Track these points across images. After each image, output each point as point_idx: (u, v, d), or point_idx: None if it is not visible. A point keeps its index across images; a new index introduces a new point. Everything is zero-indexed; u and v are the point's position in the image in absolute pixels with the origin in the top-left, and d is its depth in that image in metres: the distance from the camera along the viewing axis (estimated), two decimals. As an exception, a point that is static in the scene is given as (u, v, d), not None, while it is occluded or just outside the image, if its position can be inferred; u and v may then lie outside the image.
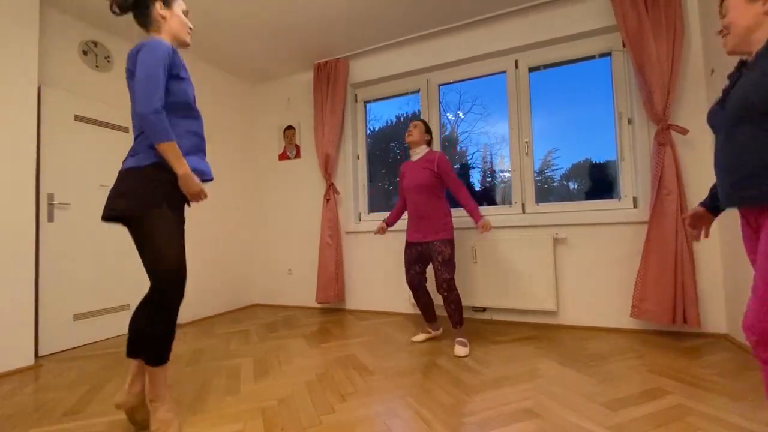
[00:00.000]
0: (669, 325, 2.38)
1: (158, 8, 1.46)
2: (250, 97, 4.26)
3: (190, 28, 1.57)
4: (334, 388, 1.83)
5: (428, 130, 2.54)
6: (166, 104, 1.40)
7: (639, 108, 2.61)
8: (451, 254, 2.31)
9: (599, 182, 2.91)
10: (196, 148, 1.52)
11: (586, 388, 1.72)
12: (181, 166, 1.37)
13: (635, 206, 2.67)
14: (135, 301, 3.10)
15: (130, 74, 1.41)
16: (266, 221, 4.11)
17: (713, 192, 1.30)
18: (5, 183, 2.22)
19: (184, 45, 1.57)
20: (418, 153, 2.50)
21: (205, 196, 1.47)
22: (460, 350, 2.24)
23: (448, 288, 2.28)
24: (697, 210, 1.33)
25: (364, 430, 1.44)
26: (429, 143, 2.54)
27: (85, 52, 2.87)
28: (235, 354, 2.42)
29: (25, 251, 2.29)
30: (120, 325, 2.94)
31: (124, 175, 1.38)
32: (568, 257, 2.76)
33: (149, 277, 1.40)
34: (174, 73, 1.43)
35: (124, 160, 1.42)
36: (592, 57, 2.82)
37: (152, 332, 1.39)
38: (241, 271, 3.97)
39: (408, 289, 3.30)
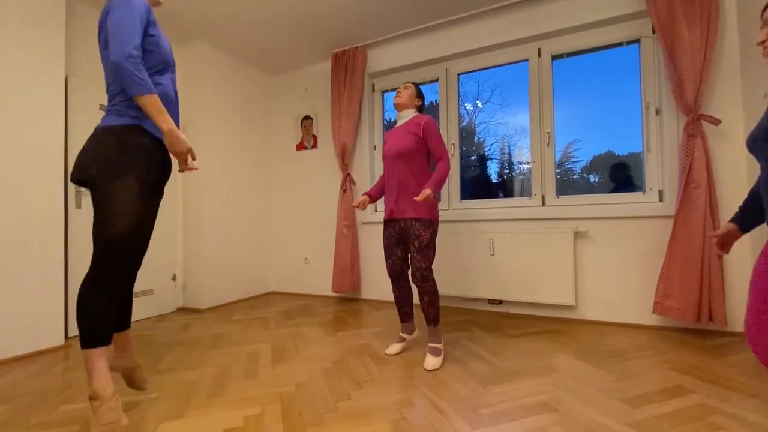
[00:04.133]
0: (693, 322, 2.31)
1: None
2: (268, 87, 4.28)
3: None
4: (349, 376, 1.86)
5: (420, 95, 2.23)
6: (146, 64, 1.32)
7: (668, 97, 2.51)
8: (429, 239, 1.99)
9: (621, 175, 2.82)
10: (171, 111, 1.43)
11: (605, 384, 1.70)
12: (165, 122, 1.26)
13: (661, 200, 2.58)
14: (158, 287, 3.20)
15: (104, 43, 1.30)
16: (283, 211, 4.16)
17: (745, 211, 1.26)
18: (37, 171, 2.31)
19: (156, 2, 1.48)
20: (404, 117, 2.18)
21: (194, 157, 1.35)
22: (430, 361, 1.95)
23: (422, 278, 1.98)
24: (730, 228, 1.30)
25: (380, 418, 1.46)
26: (420, 109, 2.23)
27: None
28: (254, 340, 2.47)
29: (55, 237, 2.39)
30: (143, 310, 3.05)
31: (97, 134, 1.30)
32: (589, 251, 2.70)
33: (93, 246, 1.30)
34: (150, 32, 1.34)
35: (103, 117, 1.34)
36: (620, 44, 2.72)
37: (88, 306, 1.27)
38: (258, 260, 4.04)
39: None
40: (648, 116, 2.64)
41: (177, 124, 1.49)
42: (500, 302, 2.98)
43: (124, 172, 1.28)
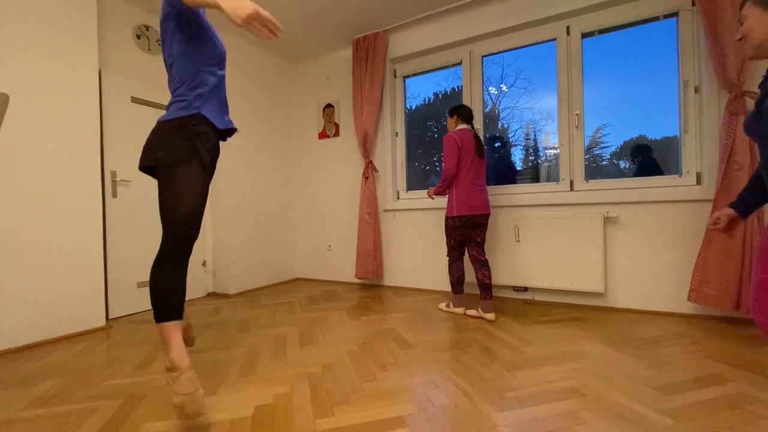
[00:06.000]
0: (732, 311, 2.21)
1: None
2: (290, 76, 4.30)
3: None
4: (374, 358, 1.89)
5: (452, 114, 2.68)
6: (194, 62, 1.41)
7: (708, 74, 2.36)
8: (444, 231, 2.72)
9: (654, 161, 2.68)
10: (222, 109, 1.51)
11: (636, 371, 1.66)
12: None
13: (699, 183, 2.46)
14: (189, 272, 3.32)
15: (163, 24, 1.39)
16: (307, 199, 4.22)
17: (745, 196, 1.27)
18: (75, 162, 2.42)
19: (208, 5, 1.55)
20: None
21: (264, 17, 1.21)
22: (442, 305, 2.75)
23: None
24: (731, 214, 1.30)
25: (406, 399, 1.48)
26: (464, 119, 2.63)
27: (138, 36, 3.01)
28: (281, 323, 2.54)
29: (94, 225, 2.51)
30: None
31: (162, 126, 1.38)
32: (620, 237, 2.61)
33: (163, 226, 1.38)
34: (205, 22, 1.42)
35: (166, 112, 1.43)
36: (656, 18, 2.57)
37: (163, 282, 1.35)
38: (283, 247, 4.13)
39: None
40: (686, 95, 2.50)
41: (226, 112, 1.56)
42: (525, 289, 2.94)
43: (190, 158, 1.37)
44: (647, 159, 2.69)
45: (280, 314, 2.78)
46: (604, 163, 2.88)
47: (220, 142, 2.89)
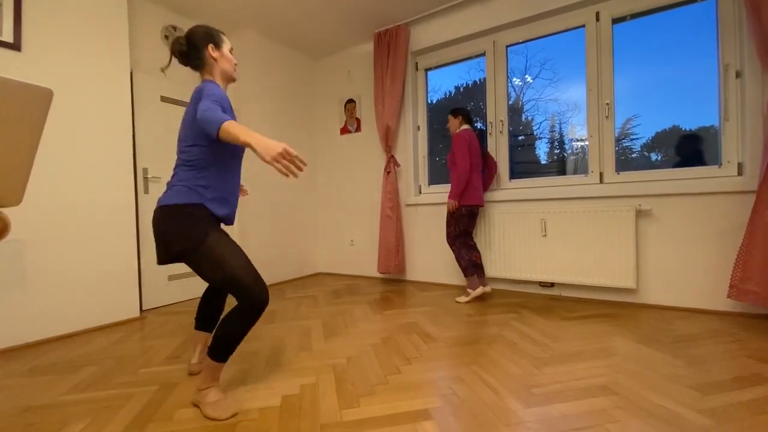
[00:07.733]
0: (776, 308, 2.09)
1: (210, 51, 1.51)
2: (311, 71, 4.33)
3: (235, 64, 1.60)
4: (398, 352, 1.89)
5: (455, 115, 2.87)
6: (216, 154, 1.44)
7: (751, 58, 2.23)
8: (447, 218, 2.83)
9: (688, 153, 2.55)
10: (229, 202, 1.53)
11: (671, 370, 1.59)
12: (250, 137, 1.20)
13: (740, 173, 2.32)
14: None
15: (188, 114, 1.44)
16: (329, 194, 4.25)
17: None
18: (110, 160, 2.53)
19: (232, 80, 1.61)
20: None
21: (292, 154, 1.20)
22: (459, 298, 2.82)
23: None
24: None
25: (430, 392, 1.47)
26: (467, 121, 2.85)
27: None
28: (305, 316, 2.58)
29: (128, 220, 2.61)
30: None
31: (169, 212, 1.39)
32: (653, 231, 2.51)
33: (232, 291, 1.38)
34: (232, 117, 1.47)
35: (164, 194, 1.44)
36: (693, 0, 2.43)
37: (238, 333, 1.40)
38: (306, 242, 4.18)
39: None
40: (727, 80, 2.36)
41: (237, 199, 1.58)
42: (552, 285, 2.87)
43: (205, 232, 1.39)
44: (683, 150, 2.57)
45: (305, 307, 2.82)
46: (633, 155, 2.77)
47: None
